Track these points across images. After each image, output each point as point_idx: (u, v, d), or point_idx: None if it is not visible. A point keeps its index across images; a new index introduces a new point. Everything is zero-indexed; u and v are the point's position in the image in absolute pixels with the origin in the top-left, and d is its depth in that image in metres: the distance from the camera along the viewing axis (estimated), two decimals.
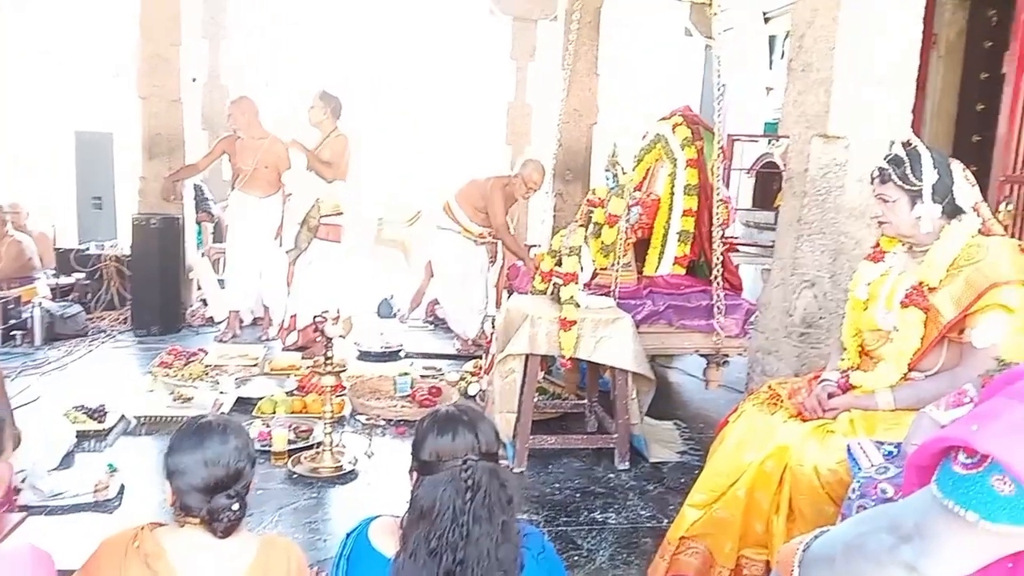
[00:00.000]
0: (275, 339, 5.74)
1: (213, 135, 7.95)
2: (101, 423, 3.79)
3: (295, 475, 3.43)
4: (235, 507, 1.58)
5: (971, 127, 5.98)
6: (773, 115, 7.16)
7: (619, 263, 4.11)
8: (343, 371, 3.81)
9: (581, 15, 5.73)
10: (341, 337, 3.60)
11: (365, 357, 5.42)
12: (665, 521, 3.05)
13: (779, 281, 3.41)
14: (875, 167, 2.28)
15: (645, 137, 4.80)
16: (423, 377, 4.89)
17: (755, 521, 2.22)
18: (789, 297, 3.31)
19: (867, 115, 3.08)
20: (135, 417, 3.98)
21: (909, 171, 2.19)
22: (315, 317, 3.56)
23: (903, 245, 2.35)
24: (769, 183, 7.14)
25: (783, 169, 3.65)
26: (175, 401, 4.20)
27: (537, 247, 5.66)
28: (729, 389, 4.72)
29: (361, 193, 5.48)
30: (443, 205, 5.77)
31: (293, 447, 3.64)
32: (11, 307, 5.43)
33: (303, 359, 5.09)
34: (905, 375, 2.25)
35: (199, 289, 6.59)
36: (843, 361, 2.44)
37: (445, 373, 5.07)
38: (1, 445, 1.51)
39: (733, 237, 6.11)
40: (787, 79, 3.38)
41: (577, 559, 2.82)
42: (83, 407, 3.87)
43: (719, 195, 4.28)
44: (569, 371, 4.45)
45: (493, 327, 4.43)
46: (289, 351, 5.40)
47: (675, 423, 4.31)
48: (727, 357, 4.34)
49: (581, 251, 3.84)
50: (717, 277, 4.12)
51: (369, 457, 3.63)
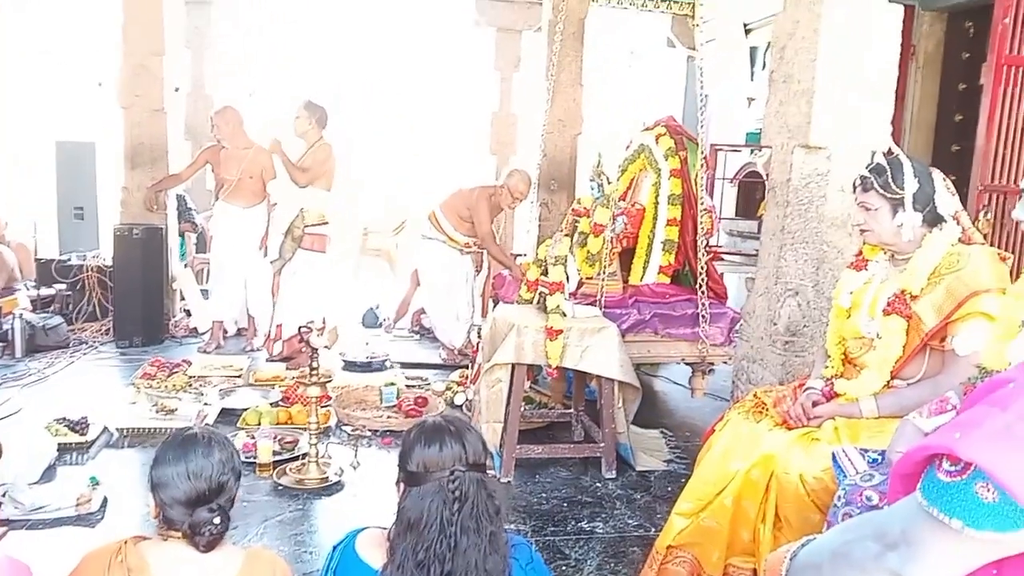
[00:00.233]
0: (259, 349, 5.71)
1: (196, 145, 7.92)
2: (83, 436, 3.75)
3: (280, 487, 3.41)
4: (216, 521, 1.57)
5: (950, 137, 6.07)
6: (755, 125, 7.22)
7: (604, 272, 4.13)
8: (328, 381, 3.79)
9: (565, 26, 5.76)
10: (326, 347, 3.58)
11: (351, 367, 5.39)
12: (652, 530, 3.06)
13: (763, 290, 3.44)
14: (857, 175, 2.31)
15: (629, 147, 4.83)
16: (409, 387, 4.88)
17: (742, 529, 2.23)
18: (773, 306, 3.34)
19: (848, 125, 3.12)
20: (118, 429, 3.94)
21: (891, 179, 2.22)
22: (300, 328, 3.54)
23: (885, 253, 2.38)
24: (752, 192, 7.19)
25: (766, 178, 3.69)
26: (158, 413, 4.16)
27: (523, 256, 5.67)
28: (714, 397, 4.75)
29: (346, 202, 5.45)
30: (428, 215, 5.77)
31: (278, 458, 3.61)
32: None
33: (288, 370, 5.07)
34: (888, 383, 2.27)
35: (182, 300, 6.54)
36: (827, 369, 2.46)
37: (431, 383, 5.06)
38: None
39: (717, 246, 6.15)
40: (769, 90, 3.42)
41: (565, 569, 2.82)
42: (65, 419, 3.83)
43: (703, 204, 4.32)
44: (555, 380, 4.46)
45: (479, 336, 4.42)
46: (274, 362, 5.38)
47: (661, 432, 4.32)
48: (712, 365, 4.37)
49: (567, 260, 3.85)
50: (702, 286, 4.15)
51: (355, 468, 3.62)
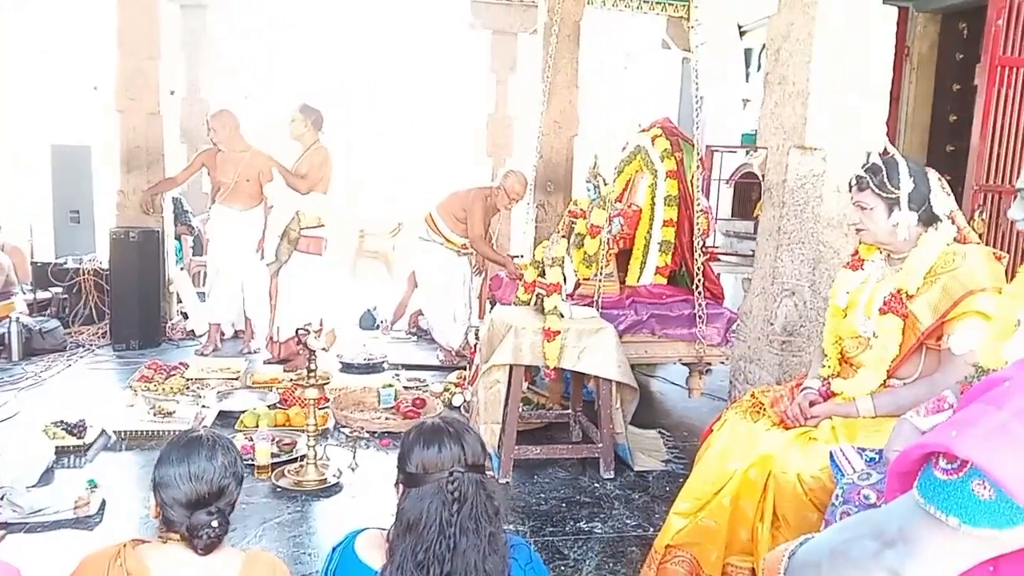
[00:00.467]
0: (257, 352, 5.72)
1: (192, 148, 7.92)
2: (81, 438, 3.75)
3: (279, 488, 3.41)
4: (215, 524, 1.57)
5: (944, 137, 6.10)
6: (750, 127, 7.24)
7: (601, 273, 4.14)
8: (326, 383, 3.80)
9: (560, 28, 5.78)
10: (324, 349, 3.58)
11: (348, 369, 5.40)
12: (651, 530, 3.07)
13: (760, 290, 3.45)
14: (853, 175, 2.33)
15: (625, 149, 4.85)
16: (407, 388, 4.88)
17: (740, 529, 2.24)
18: (770, 306, 3.35)
19: (843, 126, 3.13)
20: (115, 432, 3.94)
21: (886, 179, 2.23)
22: (297, 330, 3.54)
23: (881, 253, 2.39)
24: (748, 193, 7.22)
25: (761, 179, 3.70)
26: (156, 416, 4.15)
27: (520, 258, 5.68)
28: (712, 397, 4.76)
29: (343, 204, 5.45)
30: (425, 217, 5.78)
31: (276, 460, 3.61)
32: None
33: (285, 372, 5.07)
34: (884, 382, 2.28)
35: (179, 302, 6.54)
36: (824, 368, 2.47)
37: (429, 384, 5.06)
38: None
39: (713, 247, 6.16)
40: (764, 91, 3.43)
41: (564, 569, 2.82)
42: (62, 422, 3.82)
43: (699, 205, 4.34)
44: (553, 381, 4.47)
45: (477, 338, 4.43)
46: (271, 364, 5.38)
47: (659, 432, 4.33)
48: (709, 365, 4.38)
49: (564, 262, 3.86)
50: (698, 286, 4.16)
51: (353, 470, 3.62)
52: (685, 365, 4.52)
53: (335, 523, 3.15)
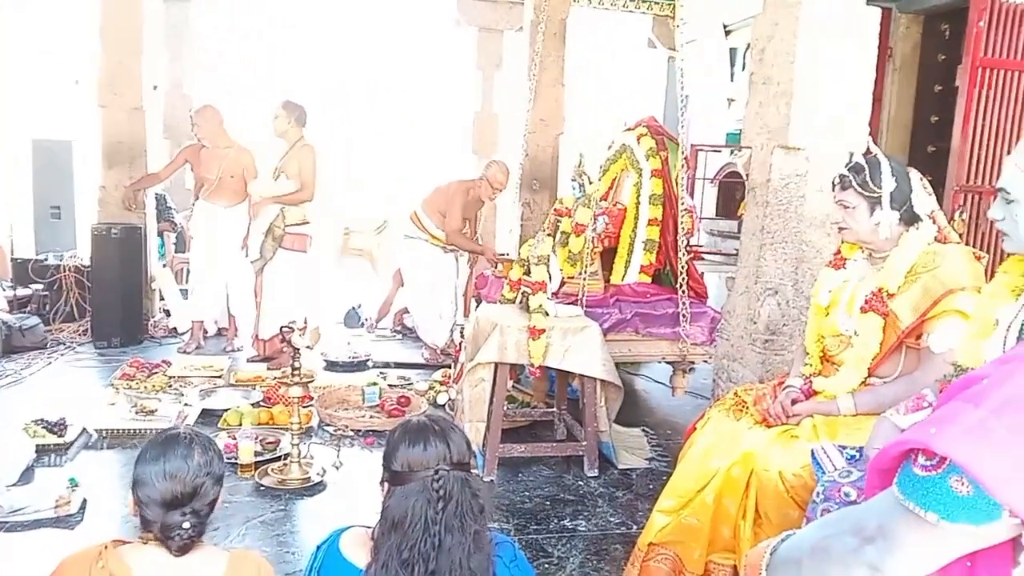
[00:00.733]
0: (240, 349, 5.68)
1: (175, 144, 7.85)
2: (61, 437, 3.71)
3: (262, 487, 3.40)
4: (186, 526, 1.54)
5: (926, 138, 6.16)
6: (735, 126, 7.28)
7: (586, 272, 4.15)
8: (310, 381, 3.79)
9: (546, 26, 5.78)
10: (308, 347, 3.57)
11: (333, 367, 5.38)
12: (635, 527, 3.08)
13: (743, 289, 3.48)
14: (837, 174, 2.35)
15: (611, 147, 4.86)
16: (391, 387, 4.87)
17: (723, 526, 2.26)
18: (753, 304, 3.37)
19: (827, 127, 3.16)
20: (96, 430, 3.90)
21: (869, 178, 2.25)
22: (282, 327, 3.52)
23: (863, 252, 2.41)
24: (732, 192, 7.26)
25: (746, 178, 3.72)
26: (137, 414, 4.12)
27: (505, 256, 5.68)
28: (695, 395, 4.79)
29: (338, 203, 5.43)
30: (410, 215, 5.77)
31: (260, 459, 3.60)
32: None
33: (269, 370, 5.05)
34: (865, 381, 2.31)
35: (161, 300, 6.49)
36: (806, 367, 2.49)
37: (413, 383, 5.06)
38: None
39: (697, 246, 6.19)
40: (748, 91, 3.45)
41: (548, 567, 2.83)
42: (43, 421, 3.79)
43: (683, 204, 4.35)
44: (538, 379, 4.46)
45: (462, 336, 4.43)
46: (255, 362, 5.35)
47: (643, 430, 4.35)
48: (693, 364, 4.40)
49: (549, 260, 3.87)
50: (682, 285, 4.18)
51: (337, 468, 3.61)
52: (669, 364, 4.54)
53: (319, 522, 3.14)
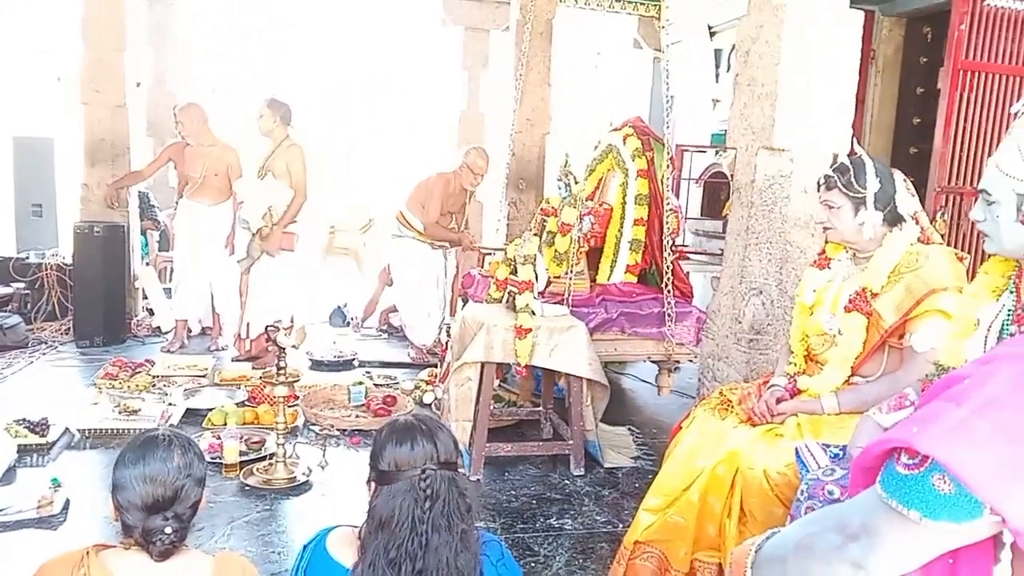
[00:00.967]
0: (224, 349, 5.65)
1: (158, 141, 7.80)
2: (43, 437, 3.68)
3: (247, 487, 3.38)
4: (168, 531, 1.51)
5: (908, 140, 6.22)
6: (720, 126, 7.31)
7: (572, 271, 4.16)
8: (296, 381, 3.77)
9: (532, 26, 5.79)
10: (294, 347, 3.56)
11: (318, 366, 5.36)
12: (621, 526, 3.10)
13: (728, 289, 3.50)
14: (822, 174, 2.37)
15: (597, 147, 4.87)
16: (377, 386, 4.86)
17: (708, 524, 2.27)
18: (738, 304, 3.39)
19: (810, 128, 3.18)
20: (79, 430, 3.87)
21: (853, 179, 2.28)
22: (267, 327, 3.51)
23: (847, 252, 2.43)
24: (717, 193, 7.29)
25: (730, 179, 3.74)
26: (121, 414, 4.09)
27: (491, 255, 5.68)
28: (681, 394, 4.81)
29: (314, 200, 5.40)
30: (396, 215, 5.76)
31: (245, 459, 3.58)
32: None
33: (254, 369, 5.02)
34: (848, 380, 2.33)
35: (145, 299, 6.43)
36: (791, 366, 2.51)
37: (400, 382, 5.05)
38: None
39: (683, 245, 6.22)
40: (733, 92, 3.47)
41: (534, 566, 2.84)
42: (24, 420, 3.74)
43: (669, 204, 4.37)
44: (524, 379, 4.47)
45: (448, 335, 4.43)
46: (240, 361, 5.32)
47: (629, 429, 4.36)
48: (678, 363, 4.42)
49: (536, 259, 3.87)
50: (668, 285, 4.20)
51: (323, 468, 3.60)
52: (654, 363, 4.56)
53: (304, 521, 3.13)
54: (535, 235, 4.25)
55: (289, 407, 3.73)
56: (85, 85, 5.91)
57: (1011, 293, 1.62)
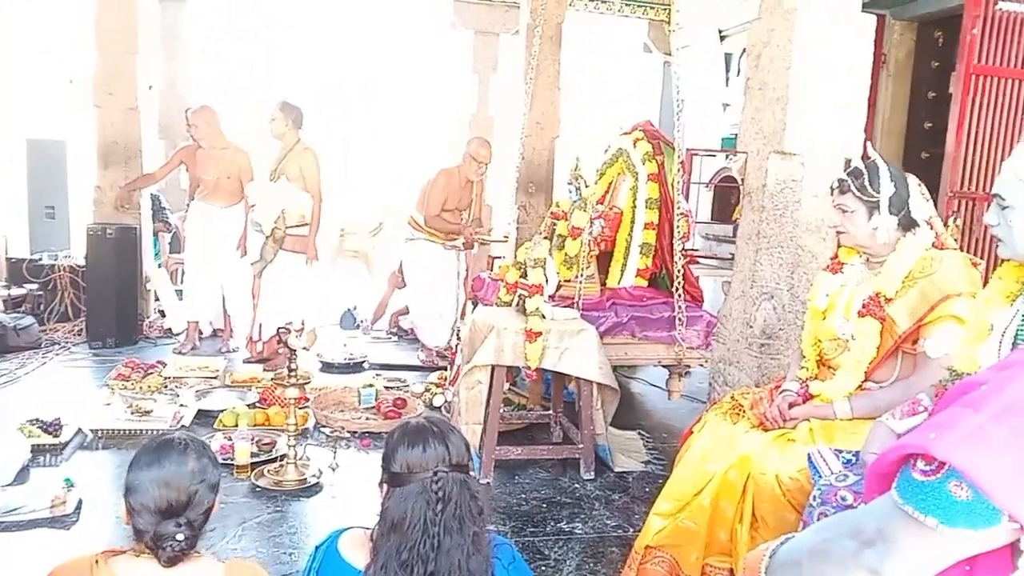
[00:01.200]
0: (236, 350, 5.67)
1: (170, 144, 7.84)
2: (57, 437, 3.71)
3: (258, 488, 3.39)
4: (180, 537, 1.50)
5: (919, 144, 6.19)
6: (730, 130, 7.31)
7: (582, 275, 4.15)
8: (307, 383, 3.78)
9: (542, 30, 5.78)
10: (305, 349, 3.56)
11: (329, 369, 5.38)
12: (631, 530, 3.09)
13: (739, 293, 3.49)
14: (836, 178, 2.36)
15: (607, 151, 4.87)
16: (387, 389, 4.87)
17: (719, 530, 2.26)
18: (749, 309, 3.39)
19: (822, 132, 3.18)
20: (92, 431, 3.90)
21: (867, 183, 2.27)
22: (279, 329, 3.52)
23: (860, 256, 2.42)
24: (727, 197, 7.27)
25: (741, 183, 3.74)
26: (133, 414, 4.11)
27: (501, 259, 5.69)
28: (691, 399, 4.80)
29: (328, 203, 5.42)
30: (408, 220, 5.78)
31: (256, 460, 3.60)
32: None
33: (266, 371, 5.04)
34: (861, 385, 2.32)
35: (156, 300, 6.47)
36: (803, 370, 2.51)
37: (410, 385, 5.05)
38: None
39: (693, 249, 6.20)
40: (744, 97, 3.47)
41: (545, 569, 2.83)
42: (38, 421, 3.78)
43: (679, 208, 4.37)
44: (534, 382, 4.47)
45: (458, 338, 4.43)
46: (251, 363, 5.34)
47: (639, 433, 4.36)
48: (689, 368, 4.41)
49: (546, 263, 3.87)
50: (678, 289, 4.19)
51: (333, 470, 3.61)
52: (665, 367, 4.55)
53: (315, 523, 3.14)
54: (545, 238, 4.25)
55: (300, 409, 3.74)
56: (98, 88, 5.96)
57: None
